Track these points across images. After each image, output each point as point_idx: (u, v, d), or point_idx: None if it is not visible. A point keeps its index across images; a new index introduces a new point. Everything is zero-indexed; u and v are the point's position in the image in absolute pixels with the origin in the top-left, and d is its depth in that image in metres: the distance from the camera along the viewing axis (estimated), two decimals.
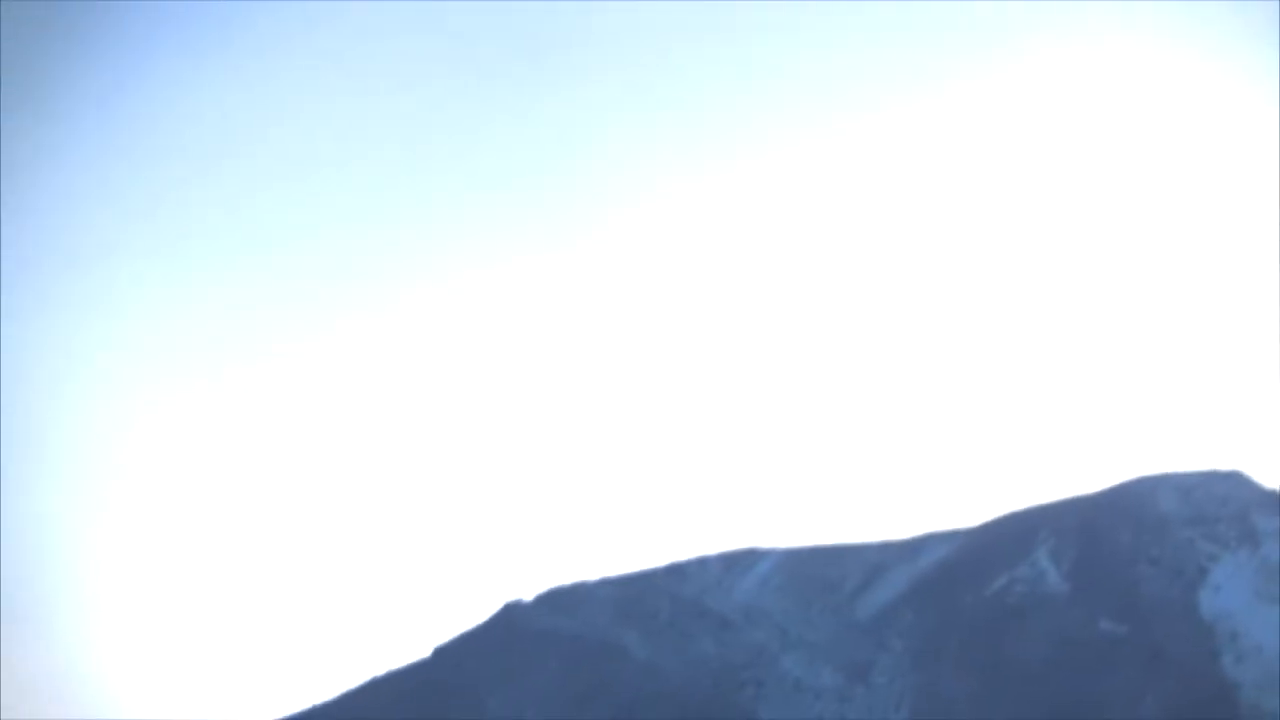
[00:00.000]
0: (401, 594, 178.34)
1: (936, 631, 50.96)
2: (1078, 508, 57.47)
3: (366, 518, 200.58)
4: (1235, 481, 57.09)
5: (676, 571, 60.56)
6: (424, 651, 60.13)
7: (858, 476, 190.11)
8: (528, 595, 60.72)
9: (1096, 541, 53.62)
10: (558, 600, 59.17)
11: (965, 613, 51.37)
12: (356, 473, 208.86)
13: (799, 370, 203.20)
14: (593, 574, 63.23)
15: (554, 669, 51.42)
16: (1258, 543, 53.00)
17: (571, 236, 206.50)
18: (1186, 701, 43.77)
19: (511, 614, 58.61)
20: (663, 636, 53.92)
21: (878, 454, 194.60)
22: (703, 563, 61.23)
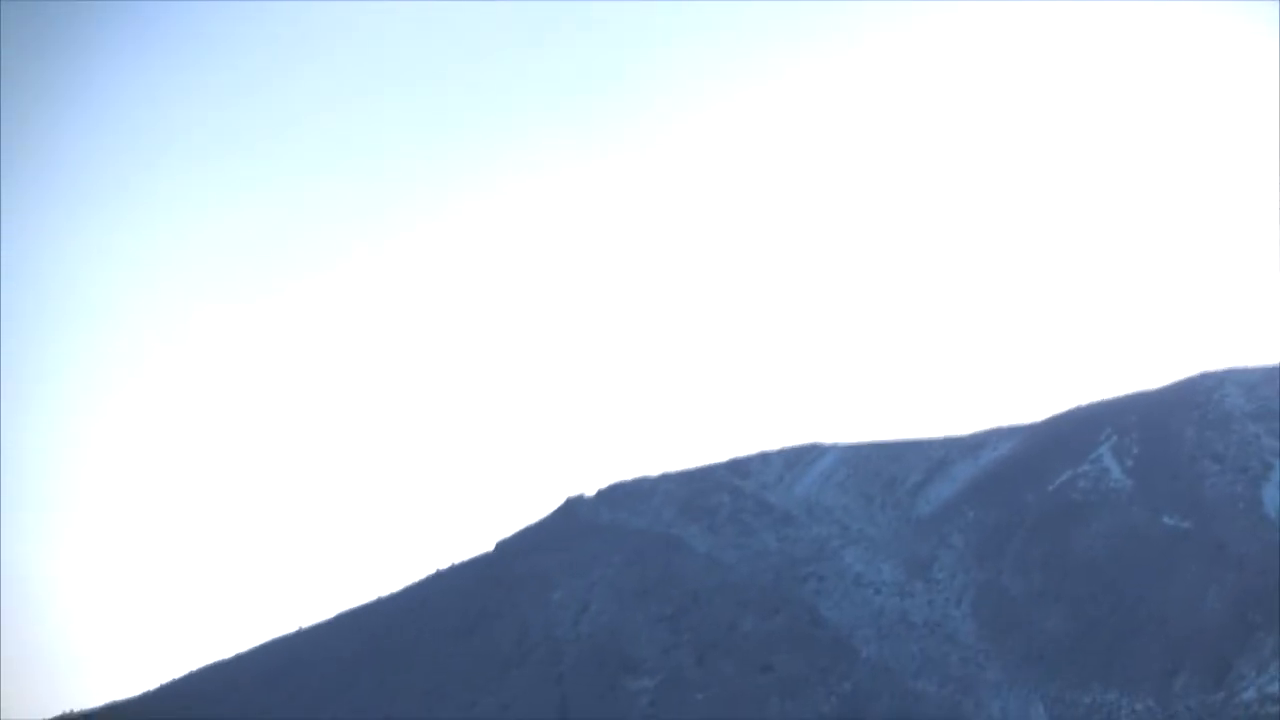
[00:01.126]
0: (465, 489, 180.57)
1: (998, 528, 51.07)
2: (1142, 404, 57.23)
3: (433, 415, 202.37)
4: None
5: (738, 467, 60.86)
6: (487, 546, 60.98)
7: (921, 372, 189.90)
8: (590, 490, 61.37)
9: (1160, 438, 53.41)
10: (620, 495, 59.69)
11: (1027, 509, 51.41)
12: (423, 371, 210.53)
13: (864, 265, 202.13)
14: (655, 469, 63.79)
15: (616, 563, 51.95)
16: None
17: (626, 139, 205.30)
18: (1249, 597, 43.73)
19: (574, 509, 59.22)
20: (724, 531, 54.32)
21: (941, 349, 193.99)
22: (765, 458, 61.48)
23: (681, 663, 44.55)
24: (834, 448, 60.99)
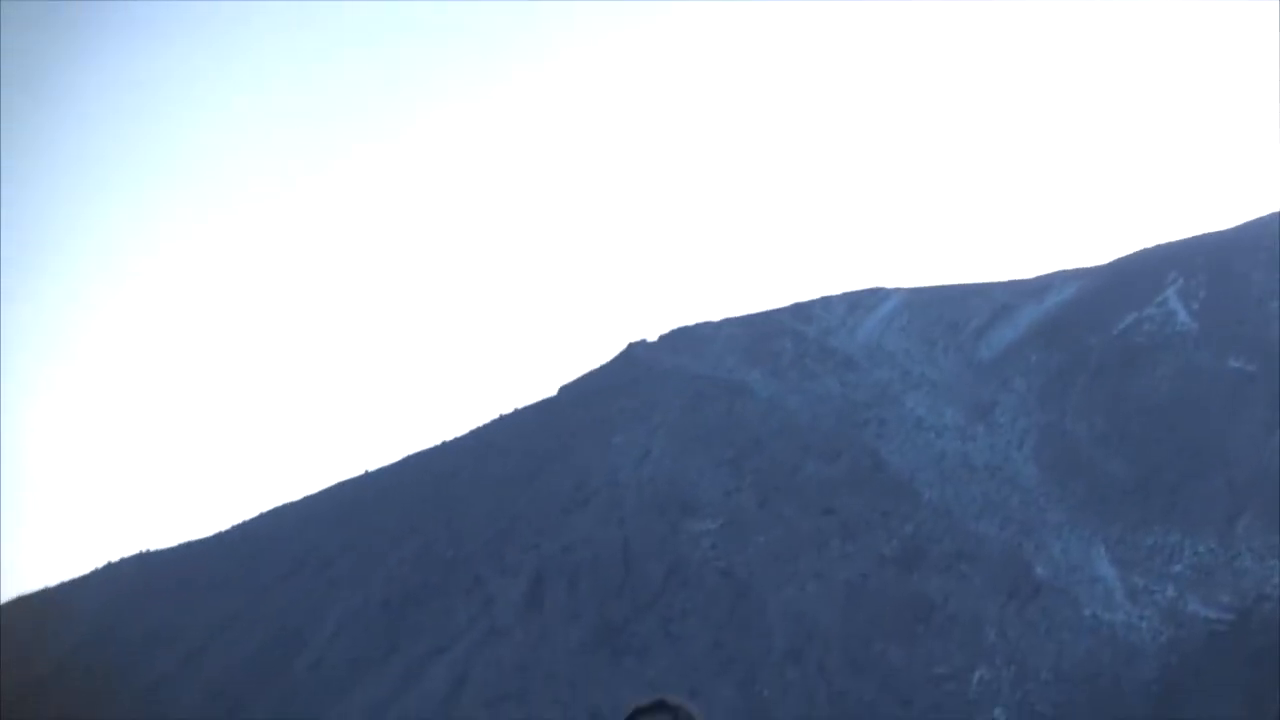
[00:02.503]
0: (529, 335, 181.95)
1: (1061, 371, 50.80)
2: (1209, 245, 56.38)
3: (498, 261, 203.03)
4: None
5: (801, 311, 60.64)
6: (550, 390, 61.48)
7: (984, 215, 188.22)
8: (652, 335, 61.46)
9: (1226, 280, 52.70)
10: (682, 340, 59.71)
11: (1090, 353, 51.06)
12: (488, 216, 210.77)
13: (929, 110, 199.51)
14: (717, 314, 63.82)
15: (678, 407, 52.17)
16: None
17: None
18: None
19: (636, 353, 59.35)
20: (786, 376, 54.32)
21: (1003, 190, 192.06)
22: (827, 303, 61.20)
23: (743, 506, 44.90)
24: (897, 291, 60.64)
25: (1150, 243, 61.61)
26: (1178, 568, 38.50)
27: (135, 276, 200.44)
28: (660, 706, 6.58)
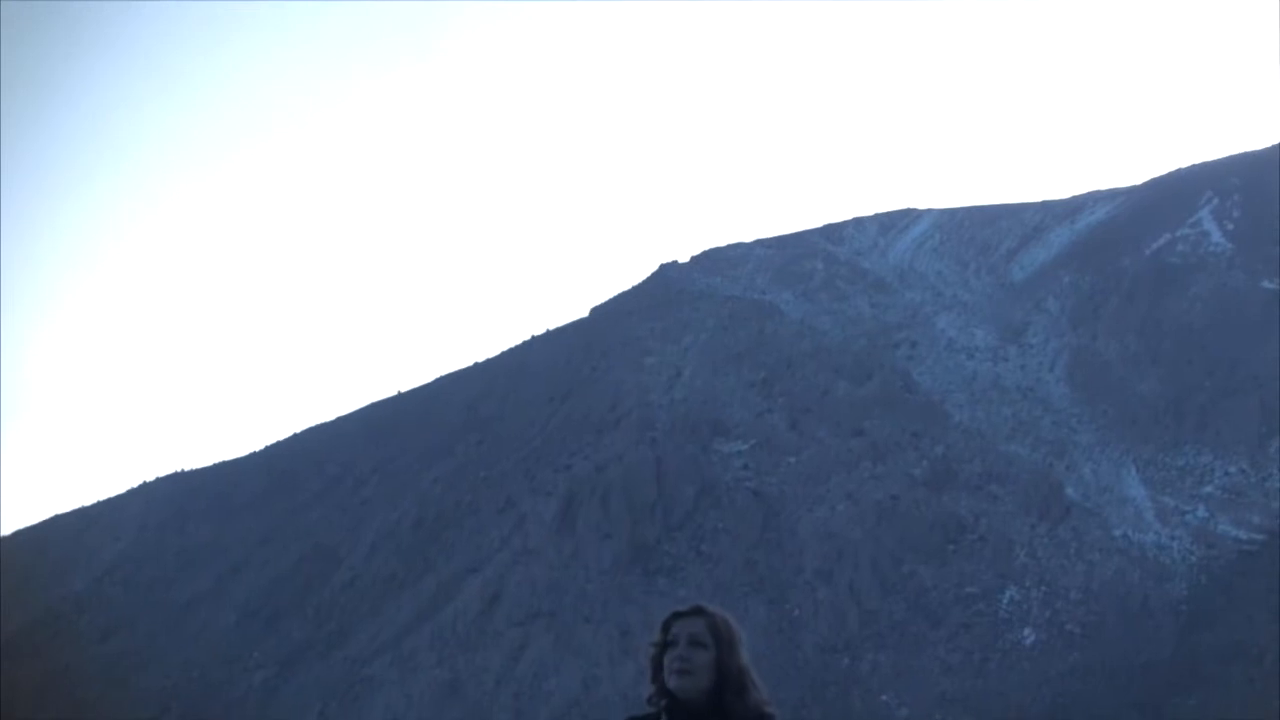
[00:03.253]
0: (561, 256, 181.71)
1: (1093, 292, 50.59)
2: (1244, 165, 55.86)
3: (530, 183, 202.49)
4: None
5: (833, 233, 60.48)
6: (582, 312, 61.54)
7: (1016, 136, 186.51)
8: (684, 256, 61.40)
9: (1262, 200, 52.21)
10: (714, 261, 59.66)
11: (1123, 273, 50.82)
12: (518, 138, 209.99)
13: (958, 28, 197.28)
14: (749, 235, 63.66)
15: (709, 328, 52.19)
16: None
17: None
18: None
19: (667, 274, 59.32)
20: (817, 297, 54.26)
21: (1037, 113, 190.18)
22: (859, 224, 61.01)
23: (774, 427, 45.01)
24: (929, 213, 60.41)
25: (1184, 163, 61.17)
26: (1208, 488, 38.54)
27: (170, 196, 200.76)
28: (698, 612, 6.69)
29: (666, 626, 6.75)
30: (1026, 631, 34.04)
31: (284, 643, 44.14)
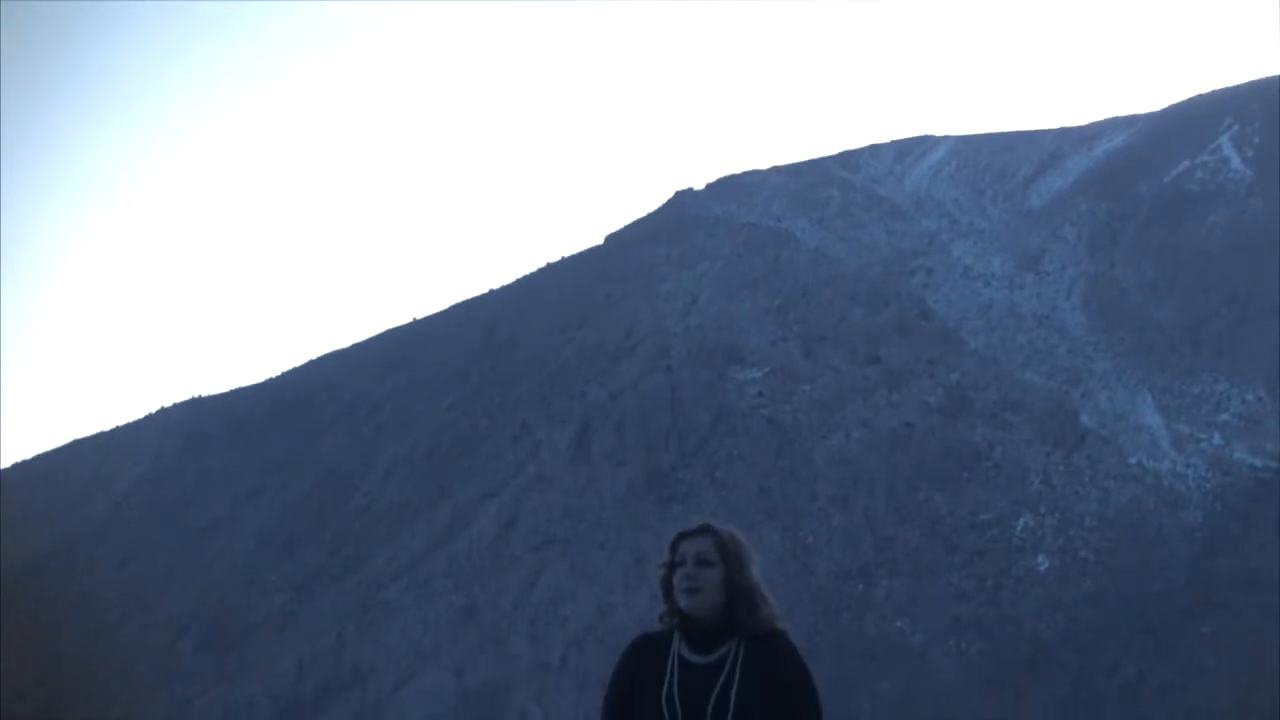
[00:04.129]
0: (576, 183, 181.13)
1: (1111, 220, 50.32)
2: (1265, 91, 55.23)
3: (544, 109, 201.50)
4: None
5: (848, 160, 60.14)
6: (597, 239, 61.44)
7: (1034, 62, 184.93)
8: (699, 183, 61.16)
9: None
10: (729, 188, 59.40)
11: (1141, 201, 50.51)
12: (534, 65, 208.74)
13: None
14: (765, 162, 63.47)
15: (725, 255, 52.06)
16: None
17: None
18: None
19: (683, 201, 59.12)
20: (833, 225, 54.04)
21: (1054, 38, 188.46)
22: (875, 151, 60.65)
23: (789, 354, 44.97)
24: (945, 140, 60.01)
25: (1204, 89, 60.63)
26: (1224, 416, 38.48)
27: (186, 119, 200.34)
28: (704, 530, 6.72)
29: (674, 546, 6.81)
30: (1040, 558, 34.15)
31: (301, 567, 44.49)
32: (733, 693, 6.46)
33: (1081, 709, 28.90)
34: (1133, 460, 37.23)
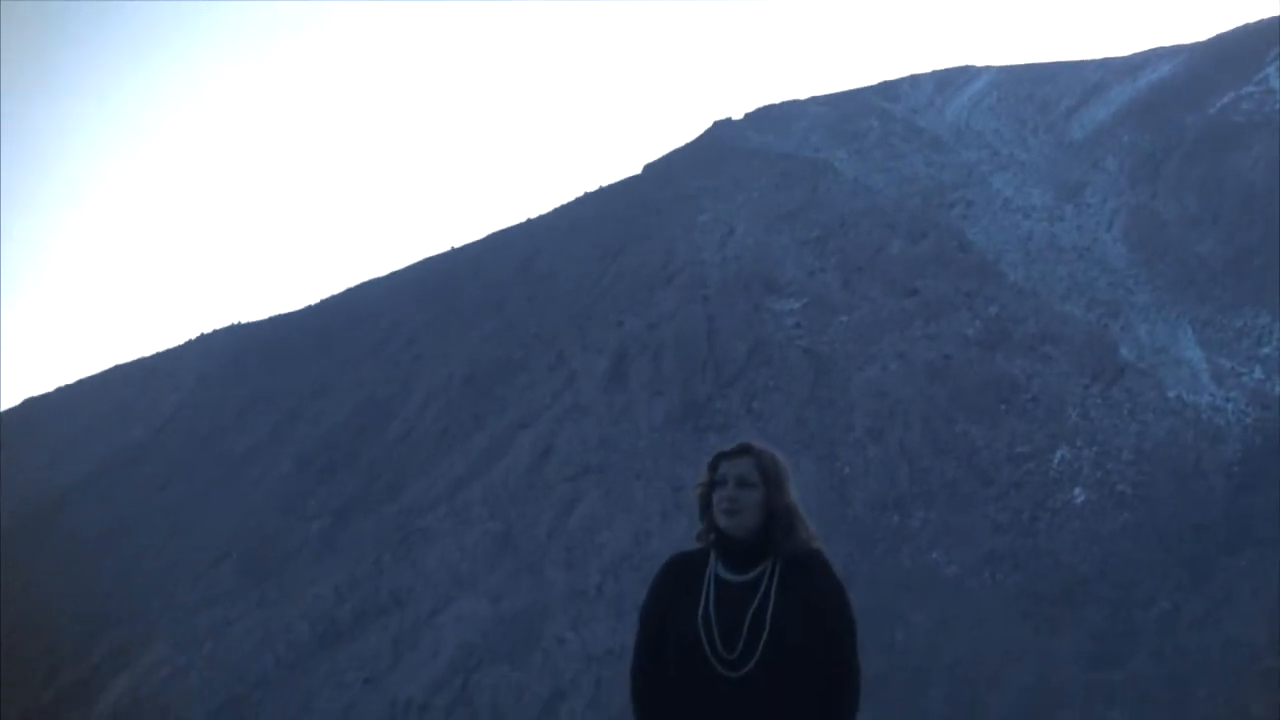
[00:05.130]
0: (614, 112, 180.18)
1: (1153, 151, 49.78)
2: None
3: (583, 38, 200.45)
4: None
5: (888, 90, 59.65)
6: (635, 169, 61.28)
7: None
8: (738, 113, 60.78)
9: None
10: (768, 118, 59.04)
11: (1185, 132, 49.93)
12: None
13: None
14: (804, 93, 62.98)
15: (763, 186, 51.84)
16: None
17: None
18: None
19: (721, 131, 58.80)
20: (872, 155, 53.69)
21: None
22: (915, 81, 60.14)
23: (827, 285, 44.82)
24: (986, 70, 59.43)
25: (1251, 18, 59.85)
26: (1266, 350, 38.18)
27: (236, 54, 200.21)
28: (744, 451, 6.74)
29: (714, 466, 6.88)
30: (1077, 491, 34.08)
31: (338, 494, 44.79)
32: (769, 611, 6.51)
33: (1117, 641, 28.91)
34: (1172, 394, 37.03)
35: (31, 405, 65.83)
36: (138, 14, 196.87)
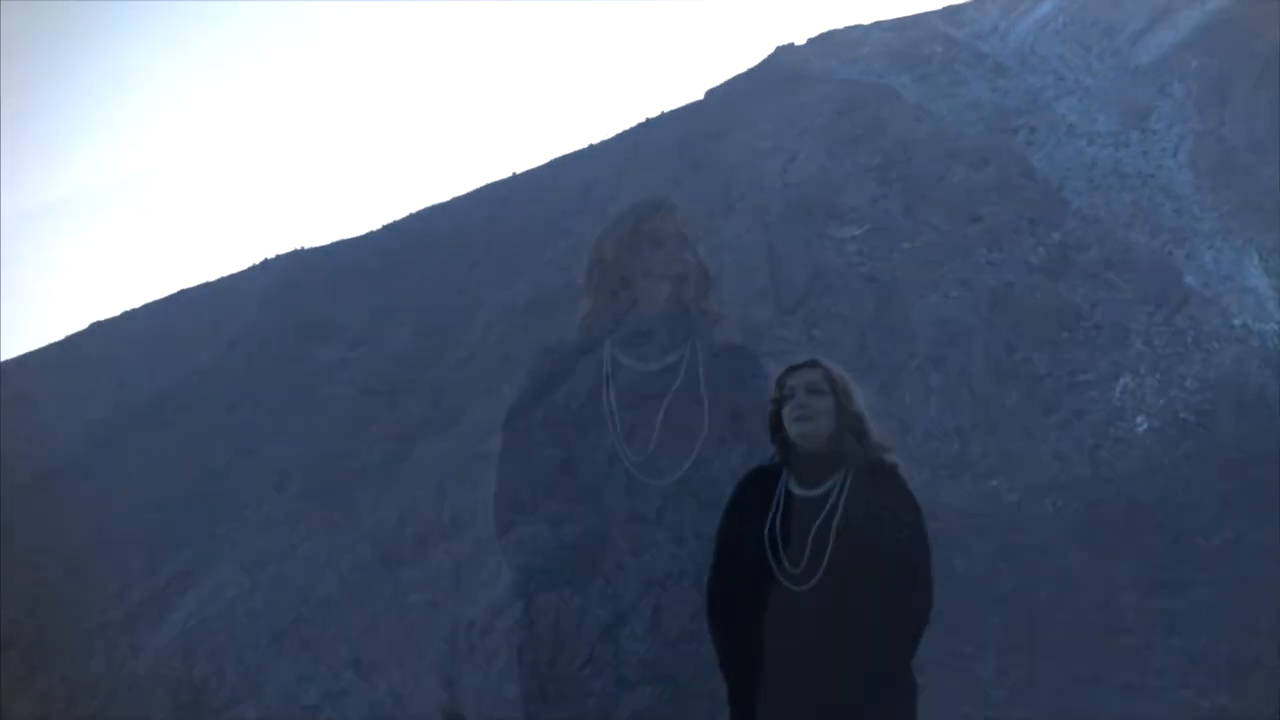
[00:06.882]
0: (675, 37, 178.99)
1: (1221, 77, 48.83)
2: None
3: None
4: None
5: (953, 15, 58.67)
6: (696, 94, 60.84)
7: None
8: (800, 39, 60.19)
9: None
10: (830, 43, 58.29)
11: (1255, 58, 48.96)
12: None
13: None
14: (867, 17, 62.25)
15: (825, 112, 51.27)
16: None
17: None
18: None
19: (783, 57, 58.19)
20: (935, 81, 52.94)
21: None
22: (980, 5, 59.11)
23: (889, 212, 44.41)
24: None
25: None
26: None
27: None
28: (812, 364, 6.84)
29: (780, 383, 6.93)
30: (1140, 419, 33.96)
31: (402, 418, 45.01)
32: (834, 524, 6.58)
33: (1179, 569, 28.97)
34: (1237, 322, 36.69)
35: (99, 328, 66.39)
36: None
